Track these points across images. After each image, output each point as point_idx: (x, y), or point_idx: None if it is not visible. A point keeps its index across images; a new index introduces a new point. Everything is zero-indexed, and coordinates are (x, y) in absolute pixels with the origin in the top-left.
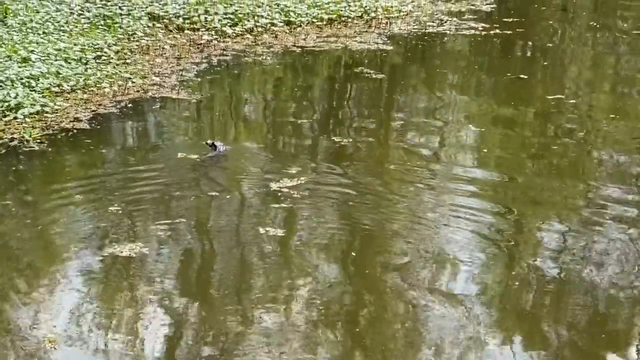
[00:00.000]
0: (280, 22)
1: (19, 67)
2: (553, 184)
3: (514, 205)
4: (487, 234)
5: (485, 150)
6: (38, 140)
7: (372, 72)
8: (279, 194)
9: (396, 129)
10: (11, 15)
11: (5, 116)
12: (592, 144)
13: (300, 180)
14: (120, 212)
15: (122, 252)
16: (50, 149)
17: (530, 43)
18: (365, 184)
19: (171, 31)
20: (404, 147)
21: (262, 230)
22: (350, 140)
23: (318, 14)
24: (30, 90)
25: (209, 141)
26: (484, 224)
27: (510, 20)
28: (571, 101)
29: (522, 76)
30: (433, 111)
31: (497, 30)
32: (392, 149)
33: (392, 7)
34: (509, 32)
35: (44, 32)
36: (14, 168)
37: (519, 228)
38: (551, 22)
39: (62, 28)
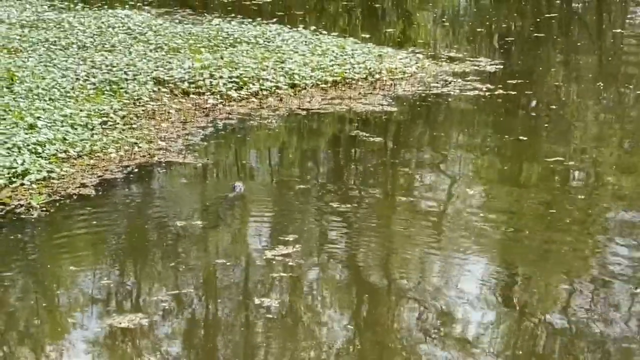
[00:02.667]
0: (285, 85)
1: (26, 133)
2: (561, 240)
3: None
4: (496, 290)
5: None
6: (44, 207)
7: (374, 134)
8: (273, 262)
9: (399, 196)
10: (17, 81)
11: (12, 183)
12: (597, 203)
13: (296, 248)
14: (122, 280)
15: (120, 323)
16: (56, 216)
17: (534, 104)
18: (364, 252)
19: (177, 95)
20: (406, 216)
21: (257, 301)
22: (350, 206)
23: (322, 76)
24: (37, 157)
25: (233, 183)
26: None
27: (515, 81)
28: (573, 161)
29: (522, 138)
30: (437, 177)
31: (501, 91)
32: (394, 216)
33: (396, 68)
34: (513, 92)
35: (50, 99)
36: (19, 235)
37: (527, 284)
38: (556, 82)
39: (68, 94)
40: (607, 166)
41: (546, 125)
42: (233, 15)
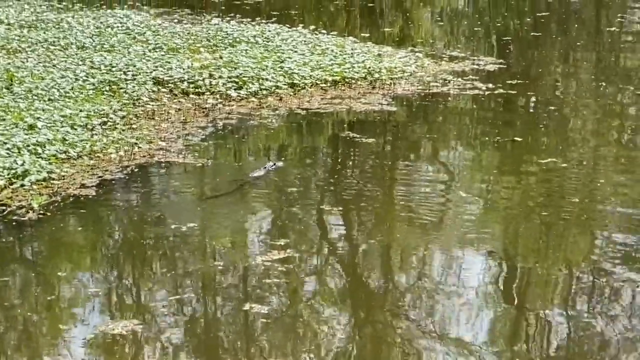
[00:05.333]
0: (285, 84)
1: (26, 134)
2: (561, 238)
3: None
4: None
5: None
6: (44, 208)
7: (372, 135)
8: (264, 267)
9: (395, 196)
10: (17, 82)
11: (12, 184)
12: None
13: (288, 253)
14: (119, 284)
15: (114, 329)
16: (56, 217)
17: (534, 103)
18: (356, 259)
19: (176, 95)
20: (401, 215)
21: (247, 307)
22: (342, 209)
23: (322, 76)
24: (37, 157)
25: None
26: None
27: (514, 81)
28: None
29: (516, 138)
30: (436, 178)
31: (501, 90)
32: (389, 219)
33: (395, 67)
34: (512, 92)
35: (49, 99)
36: (20, 236)
37: (528, 280)
38: (556, 82)
39: (67, 94)
40: (603, 167)
41: (542, 126)
42: (232, 14)
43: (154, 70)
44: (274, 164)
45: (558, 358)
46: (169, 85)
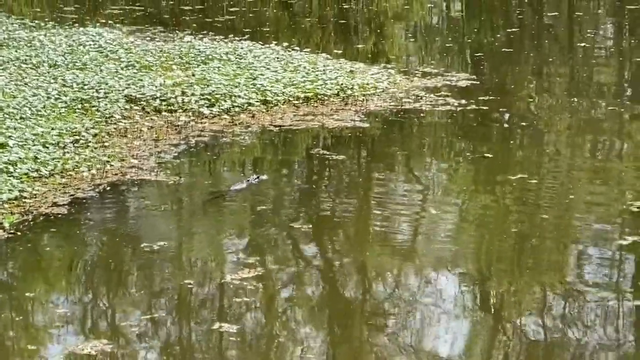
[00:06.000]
0: (257, 101)
1: None
2: (534, 254)
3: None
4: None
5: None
6: (15, 227)
7: (343, 151)
8: (232, 286)
9: (366, 213)
10: None
11: None
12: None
13: (257, 271)
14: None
15: (83, 349)
16: (28, 235)
17: (506, 119)
18: (328, 277)
19: (148, 113)
20: (373, 233)
21: (216, 325)
22: (312, 227)
23: (294, 92)
24: (9, 176)
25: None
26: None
27: (487, 97)
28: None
29: (487, 155)
30: (407, 195)
31: (473, 106)
32: (359, 237)
33: (368, 84)
34: (485, 107)
35: (21, 117)
36: None
37: (502, 293)
38: (529, 98)
39: (39, 113)
40: (576, 183)
41: (513, 141)
42: (204, 32)
43: (127, 88)
44: (258, 177)
45: None
46: (142, 102)
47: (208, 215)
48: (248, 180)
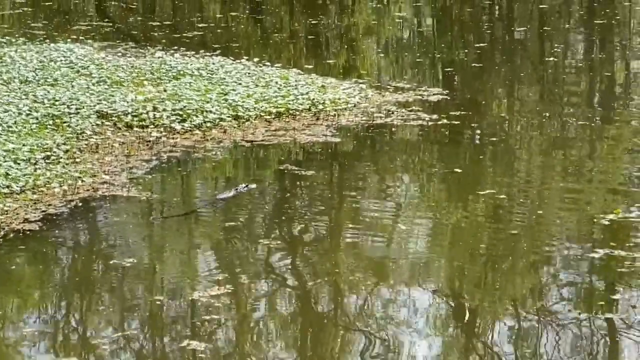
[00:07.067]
0: (229, 117)
1: None
2: (502, 274)
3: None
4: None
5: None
6: None
7: (317, 166)
8: (199, 304)
9: (337, 231)
10: None
11: None
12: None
13: (226, 289)
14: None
15: None
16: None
17: (477, 134)
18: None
19: (120, 129)
20: (342, 250)
21: (184, 344)
22: (282, 244)
23: (266, 107)
24: None
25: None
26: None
27: (458, 112)
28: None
29: (456, 170)
30: (378, 211)
31: (445, 121)
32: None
33: (339, 99)
34: (456, 122)
35: None
36: None
37: (474, 318)
38: (500, 113)
39: (10, 129)
40: (545, 199)
41: (483, 157)
42: (176, 47)
43: (98, 103)
44: (246, 186)
45: None
46: (113, 118)
47: (179, 231)
48: (236, 189)
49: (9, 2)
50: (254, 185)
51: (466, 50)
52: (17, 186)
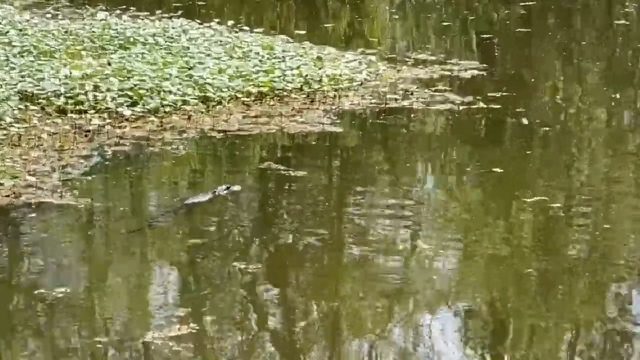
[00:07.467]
0: (195, 98)
1: None
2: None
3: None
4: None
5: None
6: None
7: (310, 165)
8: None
9: (339, 249)
10: None
11: None
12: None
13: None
14: None
15: None
16: None
17: (523, 123)
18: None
19: (50, 115)
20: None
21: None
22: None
23: (244, 87)
24: None
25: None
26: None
27: (499, 92)
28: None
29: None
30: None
31: (481, 104)
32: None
33: (341, 75)
34: (496, 106)
35: None
36: None
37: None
38: (554, 93)
39: None
40: (609, 208)
41: (528, 153)
42: (123, 6)
43: (20, 81)
44: (228, 187)
45: None
46: (41, 101)
47: (128, 251)
48: (214, 192)
49: None
50: (237, 187)
51: (508, 11)
52: None
